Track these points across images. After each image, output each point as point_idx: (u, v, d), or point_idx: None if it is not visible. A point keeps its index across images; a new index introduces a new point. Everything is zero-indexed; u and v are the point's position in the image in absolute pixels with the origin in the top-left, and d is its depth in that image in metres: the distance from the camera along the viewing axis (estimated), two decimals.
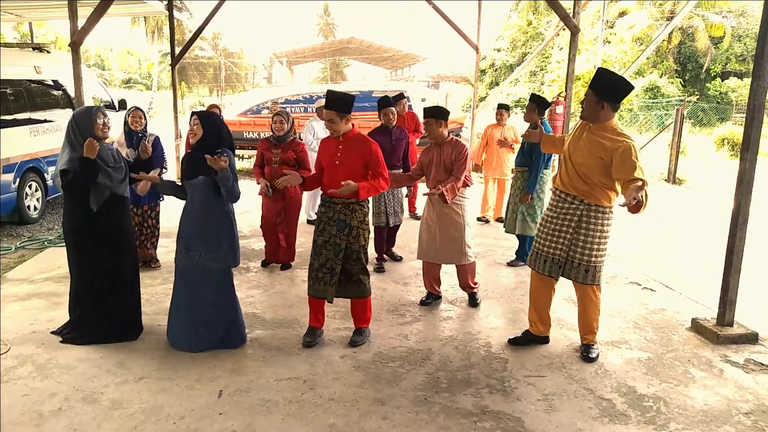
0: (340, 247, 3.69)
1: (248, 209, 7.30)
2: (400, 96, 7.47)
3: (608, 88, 3.41)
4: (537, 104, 5.39)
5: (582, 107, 3.53)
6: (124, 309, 3.87)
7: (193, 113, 4.95)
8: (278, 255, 5.53)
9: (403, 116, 7.40)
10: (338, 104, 3.66)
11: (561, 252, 3.59)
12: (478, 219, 7.55)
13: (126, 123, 5.20)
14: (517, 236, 5.71)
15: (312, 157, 5.28)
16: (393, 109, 5.70)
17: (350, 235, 3.70)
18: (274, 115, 5.35)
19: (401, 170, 5.59)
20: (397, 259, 5.86)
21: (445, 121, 4.39)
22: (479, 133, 12.52)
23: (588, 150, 3.44)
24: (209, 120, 3.69)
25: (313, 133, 7.34)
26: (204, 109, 6.17)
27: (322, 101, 7.40)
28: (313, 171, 4.07)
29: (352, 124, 3.79)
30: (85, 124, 3.63)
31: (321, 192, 3.90)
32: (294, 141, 5.37)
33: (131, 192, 5.20)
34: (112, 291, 3.81)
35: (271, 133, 5.35)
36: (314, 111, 7.60)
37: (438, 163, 4.36)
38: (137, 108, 5.31)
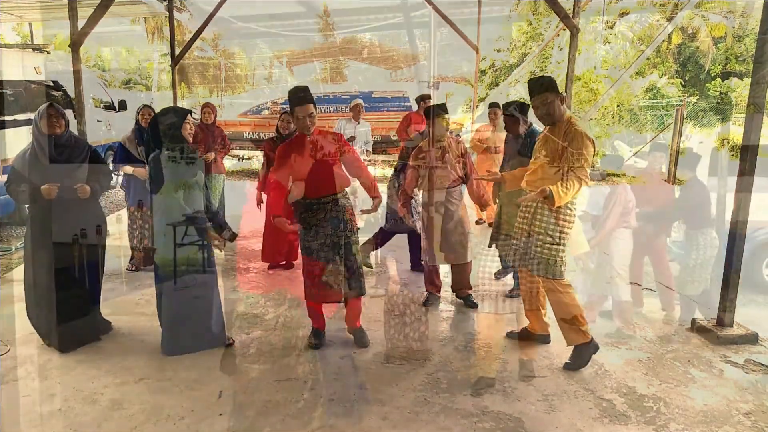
0: (339, 245, 3.61)
1: (248, 209, 7.28)
2: (428, 97, 6.39)
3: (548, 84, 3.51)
4: (521, 112, 4.54)
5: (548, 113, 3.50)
6: (68, 312, 3.72)
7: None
8: (282, 255, 5.50)
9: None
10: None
11: (522, 243, 3.67)
12: (477, 222, 7.52)
13: (137, 121, 5.30)
14: None
15: None
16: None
17: (346, 229, 3.65)
18: (281, 114, 5.32)
19: None
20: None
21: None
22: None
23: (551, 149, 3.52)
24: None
25: (342, 132, 7.07)
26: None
27: (359, 101, 7.31)
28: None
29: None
30: (37, 120, 3.62)
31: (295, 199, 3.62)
32: None
33: (133, 193, 5.22)
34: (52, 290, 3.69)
35: (275, 134, 5.32)
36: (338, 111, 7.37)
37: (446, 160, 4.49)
38: (146, 106, 5.40)
